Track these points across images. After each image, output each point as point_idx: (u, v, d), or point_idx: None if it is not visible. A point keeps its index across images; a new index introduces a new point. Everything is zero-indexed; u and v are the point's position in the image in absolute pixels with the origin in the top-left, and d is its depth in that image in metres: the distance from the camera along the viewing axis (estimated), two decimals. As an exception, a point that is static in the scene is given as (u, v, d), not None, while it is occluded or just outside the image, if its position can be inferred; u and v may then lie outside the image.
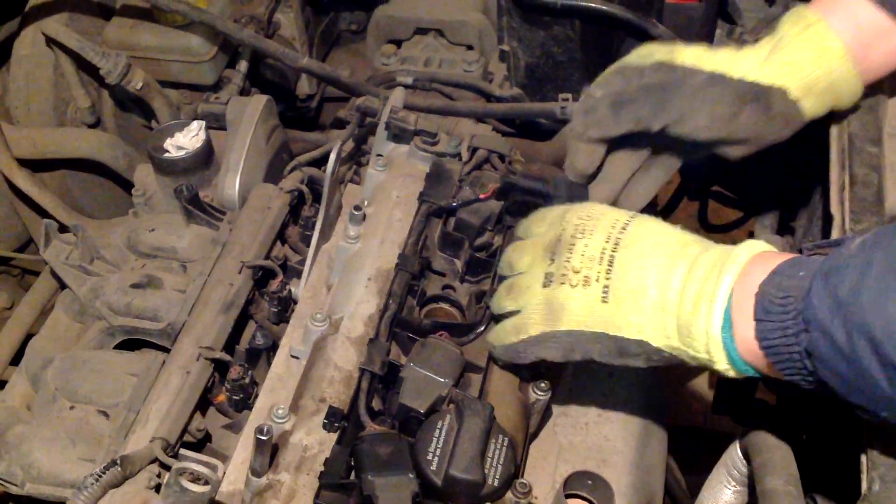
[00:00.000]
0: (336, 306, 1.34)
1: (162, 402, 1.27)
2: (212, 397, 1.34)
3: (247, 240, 1.47)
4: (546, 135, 1.88)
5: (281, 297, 1.42)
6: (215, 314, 1.36)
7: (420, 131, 1.51)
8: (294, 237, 1.55)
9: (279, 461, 1.17)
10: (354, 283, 1.36)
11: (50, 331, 1.49)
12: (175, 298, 1.42)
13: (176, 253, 1.51)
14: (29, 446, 1.27)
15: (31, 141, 1.77)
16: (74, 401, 1.34)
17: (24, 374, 1.43)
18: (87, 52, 1.77)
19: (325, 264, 1.46)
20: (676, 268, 1.02)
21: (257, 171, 1.62)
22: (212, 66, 1.92)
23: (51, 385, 1.35)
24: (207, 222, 1.54)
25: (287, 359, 1.33)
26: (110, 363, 1.37)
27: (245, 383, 1.31)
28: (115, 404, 1.32)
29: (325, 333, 1.30)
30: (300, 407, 1.23)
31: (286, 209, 1.52)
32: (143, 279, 1.46)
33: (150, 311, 1.41)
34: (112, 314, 1.43)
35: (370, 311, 1.32)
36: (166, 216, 1.57)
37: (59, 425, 1.31)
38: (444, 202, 1.43)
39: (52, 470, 1.25)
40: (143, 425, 1.25)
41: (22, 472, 1.26)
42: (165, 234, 1.53)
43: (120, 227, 1.57)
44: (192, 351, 1.32)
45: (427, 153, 1.52)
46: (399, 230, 1.42)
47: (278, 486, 1.14)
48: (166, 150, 1.59)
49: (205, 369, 1.31)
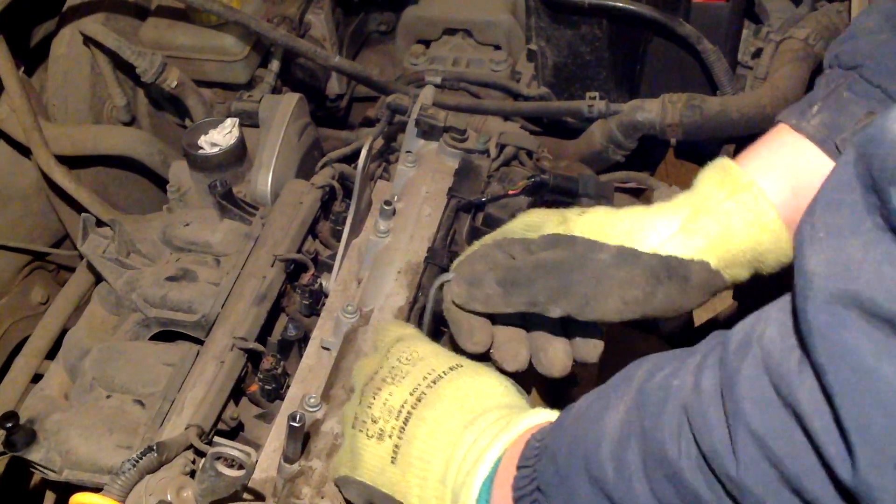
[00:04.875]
0: (366, 299, 1.37)
1: (197, 391, 1.29)
2: (245, 387, 1.37)
3: (279, 234, 1.49)
4: (573, 133, 1.90)
5: (312, 290, 1.45)
6: (248, 306, 1.39)
7: (449, 128, 1.53)
8: (325, 232, 1.58)
9: (311, 448, 1.19)
10: (384, 276, 1.39)
11: (86, 323, 1.52)
12: (209, 291, 1.45)
13: (210, 247, 1.55)
14: (67, 433, 1.30)
15: (69, 138, 1.81)
16: (111, 390, 1.37)
17: (62, 364, 1.46)
18: (124, 50, 1.81)
19: (355, 259, 1.48)
20: (464, 438, 0.92)
21: (289, 168, 1.65)
22: (245, 66, 1.95)
23: (88, 374, 1.38)
24: (240, 217, 1.57)
25: (318, 350, 1.36)
26: (146, 353, 1.40)
27: (277, 373, 1.34)
28: (150, 393, 1.34)
29: (355, 325, 1.32)
30: (331, 396, 1.25)
31: (318, 204, 1.55)
32: (178, 272, 1.49)
33: (185, 304, 1.44)
34: (147, 306, 1.46)
35: (400, 304, 1.34)
36: (200, 211, 1.60)
37: (96, 414, 1.34)
38: (472, 197, 1.46)
39: (89, 456, 1.28)
40: (178, 413, 1.27)
41: (60, 458, 1.29)
42: (199, 228, 1.56)
43: (155, 222, 1.60)
44: (226, 341, 1.34)
45: (456, 150, 1.54)
46: (428, 225, 1.45)
47: (310, 472, 1.16)
48: (201, 147, 1.62)
49: (238, 359, 1.33)
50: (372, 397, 1.00)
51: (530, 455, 0.85)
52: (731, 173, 0.99)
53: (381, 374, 1.02)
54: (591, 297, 1.00)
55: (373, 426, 0.98)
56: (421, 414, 0.96)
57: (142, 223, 1.62)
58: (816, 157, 0.97)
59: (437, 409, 0.95)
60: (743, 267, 1.01)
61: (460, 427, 0.93)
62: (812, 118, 0.98)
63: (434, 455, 0.93)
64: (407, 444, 0.95)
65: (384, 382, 1.01)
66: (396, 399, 0.98)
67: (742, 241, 0.98)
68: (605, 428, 0.77)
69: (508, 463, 0.88)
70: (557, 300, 1.01)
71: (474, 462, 0.90)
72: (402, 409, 0.97)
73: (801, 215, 0.62)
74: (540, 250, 1.05)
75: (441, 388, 0.97)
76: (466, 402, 0.96)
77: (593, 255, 1.01)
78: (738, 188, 0.98)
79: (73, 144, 1.80)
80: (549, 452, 0.83)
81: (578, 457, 0.78)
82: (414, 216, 1.46)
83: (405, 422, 0.96)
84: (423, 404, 0.96)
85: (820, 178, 0.89)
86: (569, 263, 1.02)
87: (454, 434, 0.93)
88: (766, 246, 0.98)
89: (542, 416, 0.92)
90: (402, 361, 1.02)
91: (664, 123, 1.72)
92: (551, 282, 1.02)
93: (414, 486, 0.94)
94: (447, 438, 0.93)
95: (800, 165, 0.97)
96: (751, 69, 1.91)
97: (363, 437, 0.99)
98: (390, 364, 1.03)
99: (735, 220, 0.98)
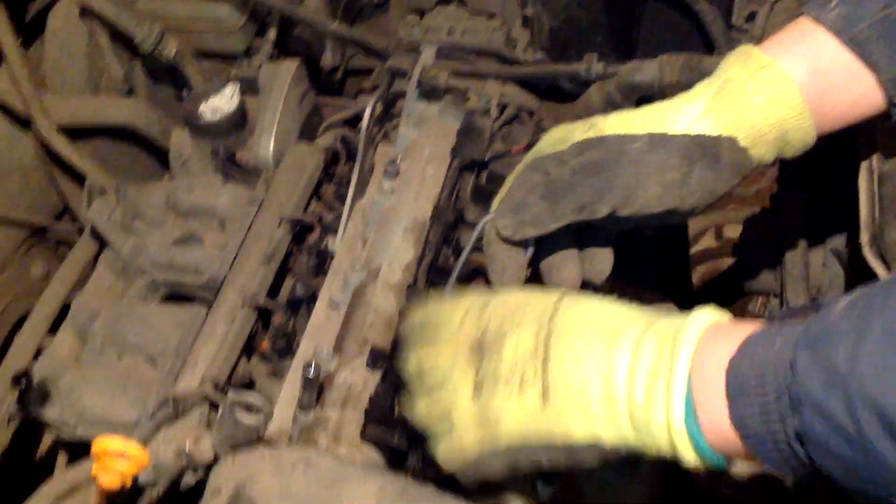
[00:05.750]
0: (373, 256, 1.38)
1: (209, 348, 1.31)
2: (255, 345, 1.38)
3: (284, 196, 1.50)
4: (570, 97, 1.91)
5: (319, 251, 1.46)
6: (257, 266, 1.40)
7: (450, 88, 1.55)
8: (329, 195, 1.59)
9: (325, 399, 1.21)
10: (391, 233, 1.40)
11: (94, 288, 1.52)
12: (216, 253, 1.46)
13: (214, 212, 1.55)
14: (80, 392, 1.31)
15: (68, 108, 1.81)
16: (122, 351, 1.38)
17: (71, 328, 1.47)
18: (122, 20, 1.81)
19: (360, 220, 1.49)
20: (620, 353, 0.87)
21: (291, 133, 1.66)
22: (242, 35, 1.95)
23: (98, 336, 1.39)
24: (244, 182, 1.58)
25: (327, 308, 1.37)
26: (156, 314, 1.41)
27: (288, 330, 1.35)
28: (162, 352, 1.35)
29: (364, 281, 1.34)
30: (343, 349, 1.27)
31: (321, 166, 1.56)
32: (184, 235, 1.50)
33: (192, 266, 1.45)
34: (155, 270, 1.47)
35: (408, 260, 1.36)
36: (204, 177, 1.61)
37: (109, 373, 1.35)
38: (475, 156, 1.47)
39: (103, 413, 1.28)
40: (191, 369, 1.29)
41: (73, 417, 1.30)
42: (204, 193, 1.56)
43: (158, 190, 1.61)
44: (236, 299, 1.36)
45: (458, 110, 1.56)
46: (432, 184, 1.46)
47: (325, 421, 1.18)
48: (201, 114, 1.63)
49: (249, 316, 1.35)
50: (496, 355, 0.92)
51: (749, 387, 0.78)
52: (753, 56, 1.05)
53: (491, 334, 0.95)
54: (632, 186, 1.03)
55: (508, 381, 0.91)
56: (557, 346, 0.90)
57: (145, 190, 1.63)
58: (834, 46, 1.03)
59: (573, 335, 0.90)
60: (769, 145, 1.06)
61: (608, 344, 0.88)
62: (831, 11, 1.03)
63: (590, 378, 0.87)
64: (555, 378, 0.89)
65: (501, 338, 0.93)
66: (525, 343, 0.92)
67: (766, 118, 1.03)
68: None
69: (703, 383, 0.82)
70: (603, 196, 1.04)
71: (655, 378, 0.84)
72: (537, 349, 0.91)
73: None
74: (573, 158, 1.06)
75: (564, 316, 0.92)
76: (598, 318, 0.91)
77: (626, 146, 1.04)
78: (760, 67, 1.03)
79: (72, 115, 1.81)
80: (803, 398, 0.74)
81: (867, 412, 0.69)
82: (418, 176, 1.48)
83: (544, 359, 0.90)
84: (556, 337, 0.90)
85: (836, 67, 1.01)
86: (605, 160, 1.04)
87: (605, 354, 0.88)
88: (790, 123, 1.04)
89: (704, 319, 0.86)
90: (507, 314, 0.95)
91: (663, 83, 1.73)
92: (593, 180, 1.04)
93: (576, 417, 0.88)
94: (600, 358, 0.87)
95: (819, 52, 1.03)
96: (746, 32, 1.92)
97: (499, 400, 0.91)
98: (496, 323, 0.95)
99: (758, 98, 1.03)
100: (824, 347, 0.74)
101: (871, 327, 0.72)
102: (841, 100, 1.05)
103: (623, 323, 0.90)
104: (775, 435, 0.78)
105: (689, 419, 0.83)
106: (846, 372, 0.72)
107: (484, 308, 0.98)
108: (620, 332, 0.89)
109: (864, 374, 0.71)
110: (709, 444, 0.83)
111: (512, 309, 0.96)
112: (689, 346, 0.84)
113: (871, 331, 0.72)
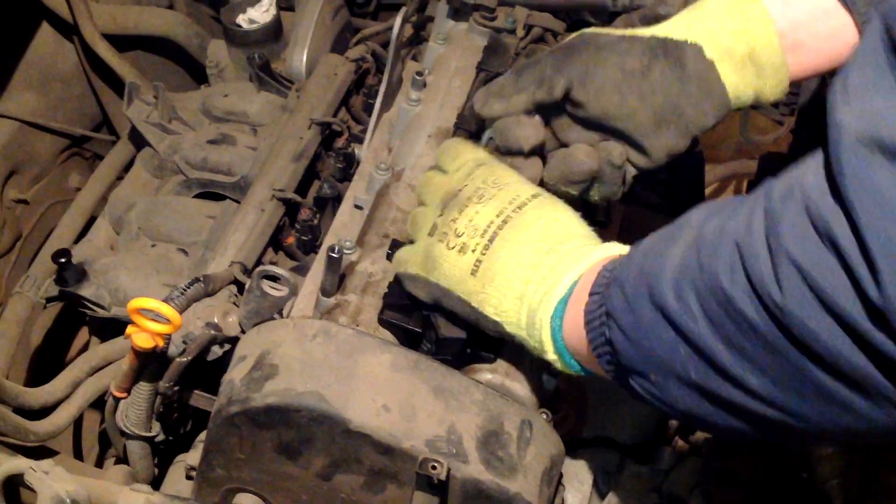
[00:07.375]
0: (398, 159, 1.44)
1: (238, 236, 1.38)
2: (282, 238, 1.45)
3: (314, 101, 1.57)
4: (597, 29, 1.95)
5: (346, 154, 1.52)
6: (286, 163, 1.47)
7: (479, 6, 1.60)
8: (357, 106, 1.65)
9: (346, 285, 1.27)
10: (416, 139, 1.46)
11: (130, 183, 1.60)
12: (248, 154, 1.53)
13: (248, 117, 1.62)
14: (115, 273, 1.39)
15: (112, 16, 1.87)
16: (156, 239, 1.45)
17: (108, 218, 1.55)
18: (166, -68, 1.87)
19: (386, 130, 1.55)
20: (545, 260, 1.00)
21: (324, 46, 1.72)
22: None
23: (134, 225, 1.47)
24: (277, 90, 1.64)
25: (351, 209, 1.43)
26: (189, 207, 1.48)
27: (314, 224, 1.42)
28: (193, 242, 1.43)
29: (387, 182, 1.40)
30: (365, 242, 1.33)
31: (351, 76, 1.62)
32: (218, 136, 1.57)
33: (225, 165, 1.52)
34: (189, 168, 1.54)
35: (431, 164, 1.42)
36: (239, 84, 1.68)
37: (143, 258, 1.43)
38: (501, 71, 1.52)
39: (137, 293, 1.35)
40: (221, 254, 1.36)
41: (109, 295, 1.38)
42: (238, 99, 1.63)
43: (195, 95, 1.68)
44: (265, 192, 1.42)
45: (485, 28, 1.61)
46: (458, 95, 1.51)
47: (346, 305, 1.24)
48: (239, 24, 1.69)
49: (277, 208, 1.42)
50: (457, 212, 1.06)
51: (602, 283, 0.92)
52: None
53: (466, 193, 1.07)
54: (591, 65, 1.09)
55: (455, 239, 1.04)
56: (506, 235, 1.02)
57: (182, 96, 1.70)
58: None
59: (522, 232, 1.02)
60: (737, 66, 1.06)
61: (542, 251, 1.00)
62: None
63: (515, 273, 1.00)
64: (490, 260, 1.02)
65: (469, 201, 1.06)
66: (483, 218, 1.04)
67: (733, 29, 1.05)
68: (667, 261, 0.83)
69: (582, 288, 0.95)
70: (561, 69, 1.10)
71: (553, 284, 0.98)
72: (489, 229, 1.03)
73: (835, 78, 0.70)
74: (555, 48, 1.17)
75: (526, 213, 1.03)
76: (549, 228, 1.02)
77: (598, 37, 1.12)
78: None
79: (115, 22, 1.87)
80: (618, 281, 0.89)
81: (644, 285, 0.84)
82: (444, 87, 1.53)
83: (490, 240, 1.02)
84: (509, 227, 1.02)
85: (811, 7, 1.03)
86: (575, 45, 1.13)
87: (536, 257, 1.00)
88: (759, 42, 1.05)
89: (615, 249, 0.99)
90: (488, 184, 1.07)
91: (686, 15, 1.77)
92: (557, 56, 1.13)
93: (492, 298, 1.01)
94: (529, 259, 1.00)
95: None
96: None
97: (443, 247, 1.05)
98: (475, 185, 1.07)
99: (725, 10, 1.06)
100: (643, 241, 0.90)
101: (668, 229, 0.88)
102: (814, 33, 1.05)
103: (566, 235, 1.02)
104: (600, 319, 0.90)
105: (556, 319, 0.96)
106: (635, 254, 0.89)
107: (476, 167, 1.10)
108: (555, 245, 1.00)
109: (645, 253, 0.88)
110: (565, 341, 0.97)
111: (493, 180, 1.07)
112: (585, 262, 0.97)
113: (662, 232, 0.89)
